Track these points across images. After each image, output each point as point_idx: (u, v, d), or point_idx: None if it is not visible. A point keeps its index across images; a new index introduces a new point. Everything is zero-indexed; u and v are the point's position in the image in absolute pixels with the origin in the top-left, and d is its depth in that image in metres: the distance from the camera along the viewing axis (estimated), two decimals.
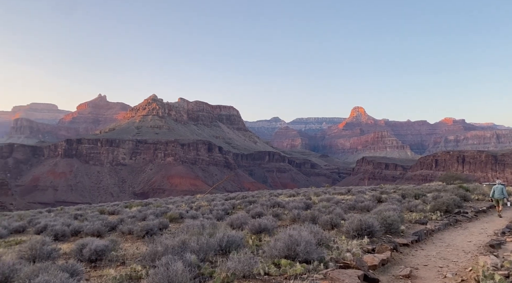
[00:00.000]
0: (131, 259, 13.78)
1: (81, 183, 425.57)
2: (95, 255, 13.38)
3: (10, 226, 26.51)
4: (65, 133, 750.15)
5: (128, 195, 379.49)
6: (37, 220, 29.99)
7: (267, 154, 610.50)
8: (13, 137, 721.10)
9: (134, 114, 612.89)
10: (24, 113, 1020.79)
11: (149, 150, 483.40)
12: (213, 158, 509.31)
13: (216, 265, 10.59)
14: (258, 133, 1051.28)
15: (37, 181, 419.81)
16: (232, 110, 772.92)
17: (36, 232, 24.13)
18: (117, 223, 23.72)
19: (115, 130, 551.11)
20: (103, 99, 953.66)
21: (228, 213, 27.97)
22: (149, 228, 19.28)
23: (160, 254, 11.05)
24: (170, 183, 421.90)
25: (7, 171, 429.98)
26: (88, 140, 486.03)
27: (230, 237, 12.83)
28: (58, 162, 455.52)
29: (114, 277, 10.29)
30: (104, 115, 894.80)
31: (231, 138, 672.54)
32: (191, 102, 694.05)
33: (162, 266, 8.99)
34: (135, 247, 16.47)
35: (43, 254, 13.61)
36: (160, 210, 30.37)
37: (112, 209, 38.30)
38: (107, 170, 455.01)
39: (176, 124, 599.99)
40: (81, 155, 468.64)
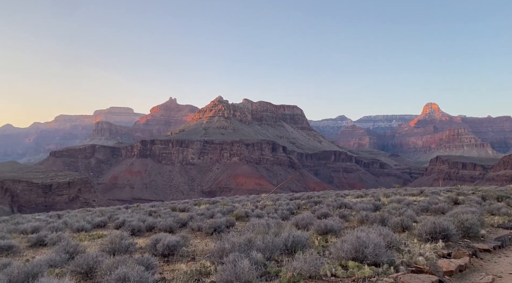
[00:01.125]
0: (200, 255, 14.33)
1: (154, 182, 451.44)
2: (168, 250, 14.12)
3: (93, 221, 28.87)
4: (140, 135, 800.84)
5: (197, 193, 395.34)
6: (116, 216, 32.26)
7: (333, 154, 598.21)
8: (95, 139, 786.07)
9: (201, 116, 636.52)
10: (104, 117, 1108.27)
11: (216, 150, 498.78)
12: (277, 157, 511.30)
13: (282, 265, 10.63)
14: (323, 132, 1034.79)
15: (116, 179, 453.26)
16: (296, 110, 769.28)
17: (115, 227, 26.02)
18: (187, 220, 24.74)
19: (184, 131, 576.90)
20: (173, 102, 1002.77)
21: (293, 213, 27.89)
22: (216, 226, 19.89)
23: (228, 251, 11.35)
24: (236, 182, 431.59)
25: (90, 170, 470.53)
26: (160, 141, 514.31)
27: (296, 237, 12.79)
28: (134, 161, 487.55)
29: (185, 272, 10.78)
30: (175, 117, 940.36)
31: (295, 137, 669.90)
32: (255, 103, 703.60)
33: (230, 263, 9.24)
34: (204, 243, 17.08)
35: (122, 248, 14.67)
36: (226, 209, 31.18)
37: (182, 207, 40.01)
38: (177, 169, 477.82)
39: (241, 124, 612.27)
40: (155, 155, 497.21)
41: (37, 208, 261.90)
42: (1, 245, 17.58)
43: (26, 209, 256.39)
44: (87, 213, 42.79)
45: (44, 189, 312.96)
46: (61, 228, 25.38)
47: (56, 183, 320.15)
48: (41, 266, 10.85)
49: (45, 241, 19.85)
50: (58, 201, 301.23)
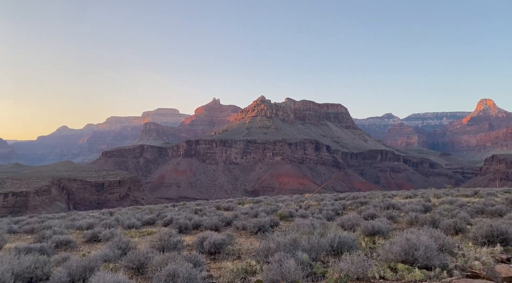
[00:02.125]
0: (245, 253, 14.46)
1: (199, 181, 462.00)
2: (214, 248, 14.39)
3: (142, 218, 29.97)
4: (185, 135, 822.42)
5: (240, 192, 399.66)
6: (164, 214, 33.30)
7: (379, 153, 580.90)
8: (143, 139, 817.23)
9: (244, 116, 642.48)
10: (152, 118, 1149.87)
11: (259, 150, 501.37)
12: (321, 157, 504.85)
13: (328, 265, 10.49)
14: (369, 131, 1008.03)
15: (163, 178, 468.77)
16: (340, 108, 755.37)
17: (164, 225, 26.88)
18: (232, 218, 25.04)
19: (227, 131, 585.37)
20: (217, 103, 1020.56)
21: (338, 213, 27.42)
22: (261, 225, 19.98)
23: (273, 250, 11.38)
24: (279, 182, 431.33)
25: (139, 170, 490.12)
26: (204, 141, 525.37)
27: (342, 238, 12.57)
28: (180, 161, 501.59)
29: (231, 270, 10.94)
30: (218, 117, 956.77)
31: (339, 136, 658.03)
32: (297, 102, 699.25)
33: (275, 262, 9.26)
34: (249, 242, 17.22)
35: (170, 245, 15.13)
36: (270, 208, 31.22)
37: (227, 205, 40.55)
38: (221, 168, 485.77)
39: (283, 124, 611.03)
40: (199, 154, 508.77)
41: (91, 205, 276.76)
42: (60, 240, 18.74)
43: (80, 206, 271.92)
44: (137, 211, 44.46)
45: (97, 187, 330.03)
46: (113, 225, 26.62)
47: (108, 182, 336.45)
48: (96, 260, 11.45)
49: (99, 237, 20.89)
50: (109, 199, 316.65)
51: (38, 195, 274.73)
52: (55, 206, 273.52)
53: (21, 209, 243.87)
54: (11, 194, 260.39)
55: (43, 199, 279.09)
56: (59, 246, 18.35)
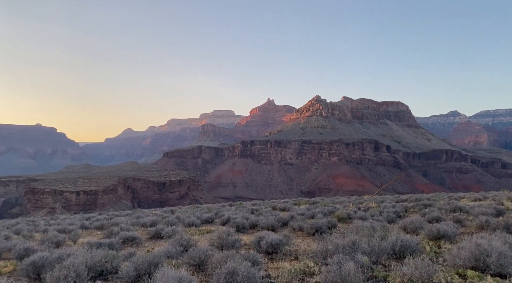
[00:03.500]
0: (303, 254, 14.37)
1: (255, 181, 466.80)
2: (271, 248, 14.46)
3: (201, 217, 30.92)
4: (241, 136, 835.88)
5: (295, 193, 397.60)
6: (221, 213, 34.09)
7: (444, 153, 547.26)
8: (201, 140, 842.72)
9: (299, 116, 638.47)
10: (209, 119, 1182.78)
11: (314, 150, 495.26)
12: (381, 157, 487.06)
13: (390, 269, 10.12)
14: (432, 129, 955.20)
15: (220, 178, 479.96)
16: (401, 106, 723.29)
17: (221, 223, 27.50)
18: (288, 219, 24.98)
19: (282, 132, 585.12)
20: (271, 103, 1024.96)
21: (400, 216, 26.30)
22: (318, 226, 19.73)
23: (331, 252, 11.20)
24: (336, 183, 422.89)
25: (197, 170, 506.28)
26: (259, 142, 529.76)
27: (404, 241, 12.06)
28: (236, 161, 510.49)
29: (289, 270, 10.94)
30: (273, 118, 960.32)
31: (400, 136, 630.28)
32: (355, 100, 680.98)
33: (334, 264, 9.10)
34: (306, 243, 17.09)
35: (229, 243, 15.47)
36: (327, 210, 30.71)
37: (282, 206, 40.55)
38: (276, 169, 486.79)
39: (340, 123, 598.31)
40: (254, 155, 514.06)
41: (153, 203, 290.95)
42: (126, 236, 19.90)
43: (144, 204, 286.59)
44: (196, 210, 45.93)
45: (159, 186, 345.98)
46: (175, 222, 27.75)
47: (169, 181, 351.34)
48: (160, 256, 12.04)
49: (161, 234, 21.89)
50: (170, 198, 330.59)
51: (106, 193, 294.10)
52: (121, 204, 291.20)
53: (91, 206, 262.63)
54: (83, 192, 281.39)
55: (111, 198, 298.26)
56: (125, 242, 19.48)
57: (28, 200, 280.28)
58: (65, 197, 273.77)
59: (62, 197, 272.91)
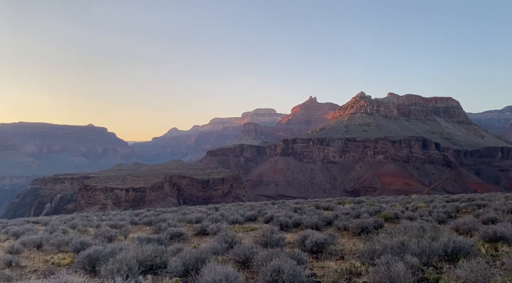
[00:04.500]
0: (349, 254, 14.13)
1: (297, 179, 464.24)
2: (316, 247, 14.34)
3: (245, 214, 31.25)
4: (282, 134, 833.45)
5: (339, 192, 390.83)
6: (264, 211, 34.26)
7: (500, 150, 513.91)
8: (242, 139, 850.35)
9: (342, 113, 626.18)
10: (250, 118, 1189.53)
11: (358, 148, 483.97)
12: (429, 155, 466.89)
13: (442, 272, 9.70)
14: (486, 126, 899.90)
15: (262, 176, 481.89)
16: (451, 102, 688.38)
17: (264, 221, 27.65)
18: (333, 218, 24.66)
19: (325, 130, 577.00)
20: (313, 101, 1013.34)
21: (451, 216, 25.12)
22: (364, 226, 19.31)
23: (379, 252, 10.92)
24: (381, 182, 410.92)
25: (239, 168, 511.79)
26: (301, 140, 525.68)
27: (457, 242, 11.51)
28: (278, 160, 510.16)
29: (335, 270, 10.80)
30: (315, 115, 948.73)
31: (450, 133, 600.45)
32: (401, 96, 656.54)
33: (383, 265, 8.87)
34: (352, 243, 16.78)
35: (273, 241, 15.53)
36: (373, 209, 29.97)
37: (326, 205, 40.06)
38: (319, 167, 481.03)
39: (385, 120, 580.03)
40: (296, 153, 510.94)
41: (198, 201, 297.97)
42: (174, 232, 20.55)
43: (189, 202, 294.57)
44: (239, 207, 46.46)
45: (203, 184, 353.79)
46: (219, 219, 28.28)
47: (212, 179, 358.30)
48: (207, 252, 12.33)
49: (207, 230, 22.39)
50: (214, 195, 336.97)
51: (153, 190, 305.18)
52: (168, 201, 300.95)
53: (140, 203, 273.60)
54: (132, 189, 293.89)
55: (158, 194, 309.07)
56: (173, 237, 20.12)
57: (82, 197, 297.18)
58: (115, 194, 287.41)
59: (112, 194, 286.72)
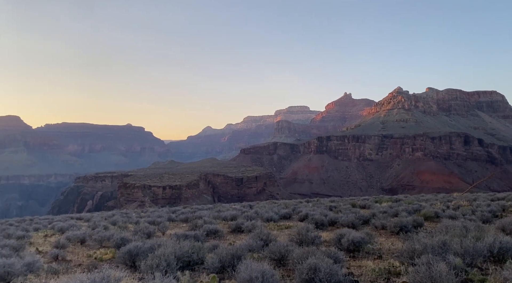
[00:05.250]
0: (387, 254, 13.79)
1: (331, 177, 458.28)
2: (353, 246, 14.10)
3: (279, 212, 31.22)
4: (316, 132, 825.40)
5: (376, 190, 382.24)
6: (299, 209, 34.07)
7: None
8: (276, 137, 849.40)
9: (378, 109, 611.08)
10: (283, 116, 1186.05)
11: (396, 145, 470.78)
12: (471, 152, 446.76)
13: (488, 273, 9.27)
14: None
15: (296, 174, 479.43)
16: (495, 95, 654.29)
17: (299, 219, 27.52)
18: (369, 217, 24.17)
19: (360, 126, 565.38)
20: (348, 97, 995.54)
21: (496, 215, 23.94)
22: (402, 225, 18.78)
23: (419, 252, 10.59)
24: (420, 180, 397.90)
25: (273, 166, 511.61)
26: (336, 137, 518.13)
27: (504, 243, 10.95)
28: (312, 157, 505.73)
29: (373, 269, 10.57)
30: (350, 112, 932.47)
31: (494, 128, 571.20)
32: (441, 91, 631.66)
33: (423, 265, 8.59)
34: (390, 242, 16.37)
35: (308, 240, 15.42)
36: (412, 208, 29.10)
37: (362, 203, 39.35)
38: (354, 165, 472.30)
39: (424, 116, 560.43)
40: (331, 151, 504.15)
41: (232, 198, 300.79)
42: (210, 229, 20.87)
43: (223, 199, 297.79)
44: (273, 205, 46.49)
45: (237, 182, 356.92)
46: (254, 217, 28.41)
47: (246, 177, 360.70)
48: (242, 250, 12.42)
49: (242, 228, 22.55)
50: (248, 193, 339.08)
51: (189, 188, 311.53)
52: (203, 199, 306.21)
53: (176, 200, 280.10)
54: (168, 187, 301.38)
55: (193, 192, 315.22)
56: (209, 234, 20.43)
57: (121, 194, 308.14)
58: (153, 191, 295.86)
59: (150, 191, 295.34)
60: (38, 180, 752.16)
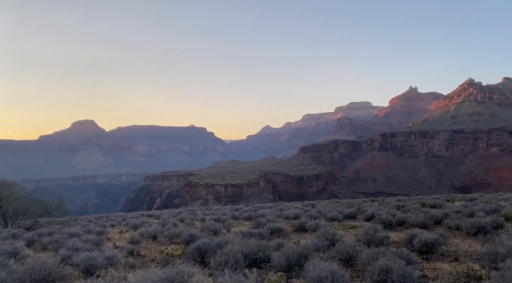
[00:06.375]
0: (464, 256, 12.92)
1: (397, 175, 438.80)
2: (425, 247, 13.39)
3: (343, 212, 30.57)
4: (380, 128, 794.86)
5: (446, 189, 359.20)
6: (364, 208, 33.06)
7: None
8: (336, 134, 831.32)
9: (447, 103, 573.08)
10: (344, 112, 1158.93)
11: (468, 140, 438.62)
12: None
13: None
14: None
15: (358, 173, 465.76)
16: None
17: (365, 219, 26.70)
18: (442, 217, 22.83)
19: (428, 121, 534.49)
20: (414, 91, 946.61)
21: None
22: (480, 226, 17.48)
23: (502, 256, 9.78)
24: (497, 177, 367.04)
25: (334, 164, 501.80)
26: (401, 133, 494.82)
27: None
28: (375, 155, 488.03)
29: (449, 272, 9.96)
30: (416, 106, 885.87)
31: None
32: None
33: (509, 269, 7.92)
34: (467, 244, 15.31)
35: (376, 240, 14.90)
36: (489, 207, 26.95)
37: (432, 202, 37.30)
38: (422, 162, 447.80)
39: (500, 108, 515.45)
40: (396, 148, 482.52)
41: (292, 197, 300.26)
42: (273, 227, 20.99)
43: (283, 198, 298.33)
44: (336, 204, 45.62)
45: (297, 180, 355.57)
46: (317, 216, 28.09)
47: (306, 176, 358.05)
48: (309, 249, 12.32)
49: (305, 227, 22.40)
50: (308, 192, 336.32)
51: (249, 186, 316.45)
52: (263, 197, 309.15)
53: (237, 198, 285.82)
54: (230, 185, 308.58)
55: (254, 190, 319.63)
56: (273, 232, 20.54)
57: (187, 192, 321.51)
58: (215, 190, 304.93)
59: (213, 190, 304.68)
60: (111, 179, 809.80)
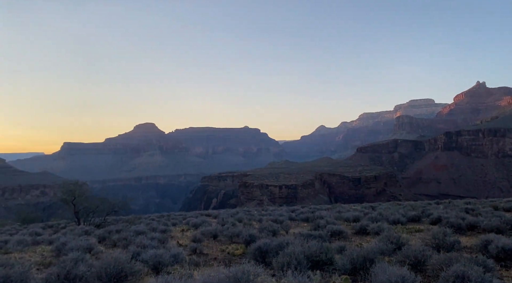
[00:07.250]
0: None
1: (463, 177, 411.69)
2: (503, 254, 12.40)
3: (406, 214, 29.27)
4: (443, 126, 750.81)
5: None
6: (428, 211, 31.43)
7: None
8: (396, 134, 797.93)
9: None
10: (404, 111, 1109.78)
11: None
12: None
13: None
14: None
15: (420, 174, 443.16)
16: None
17: (430, 223, 25.35)
18: None
19: (498, 118, 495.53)
20: (482, 86, 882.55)
21: None
22: None
23: None
24: None
25: (393, 165, 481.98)
26: (468, 132, 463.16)
27: None
28: (439, 155, 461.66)
29: None
30: (484, 103, 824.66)
31: None
32: None
33: None
34: None
35: (446, 245, 14.09)
36: None
37: (507, 206, 34.50)
38: (492, 162, 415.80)
39: None
40: (461, 147, 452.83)
41: (349, 199, 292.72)
42: (334, 230, 20.59)
43: (340, 200, 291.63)
44: (398, 207, 43.87)
45: (354, 182, 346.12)
46: (379, 219, 27.11)
47: (364, 177, 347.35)
48: (374, 252, 11.91)
49: (367, 229, 21.72)
50: (366, 194, 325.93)
51: (304, 188, 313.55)
52: (319, 198, 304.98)
53: (292, 199, 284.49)
54: (284, 186, 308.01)
55: (309, 192, 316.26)
56: (333, 235, 20.15)
57: (242, 193, 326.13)
58: (270, 191, 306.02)
59: (267, 191, 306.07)
60: (170, 180, 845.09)
